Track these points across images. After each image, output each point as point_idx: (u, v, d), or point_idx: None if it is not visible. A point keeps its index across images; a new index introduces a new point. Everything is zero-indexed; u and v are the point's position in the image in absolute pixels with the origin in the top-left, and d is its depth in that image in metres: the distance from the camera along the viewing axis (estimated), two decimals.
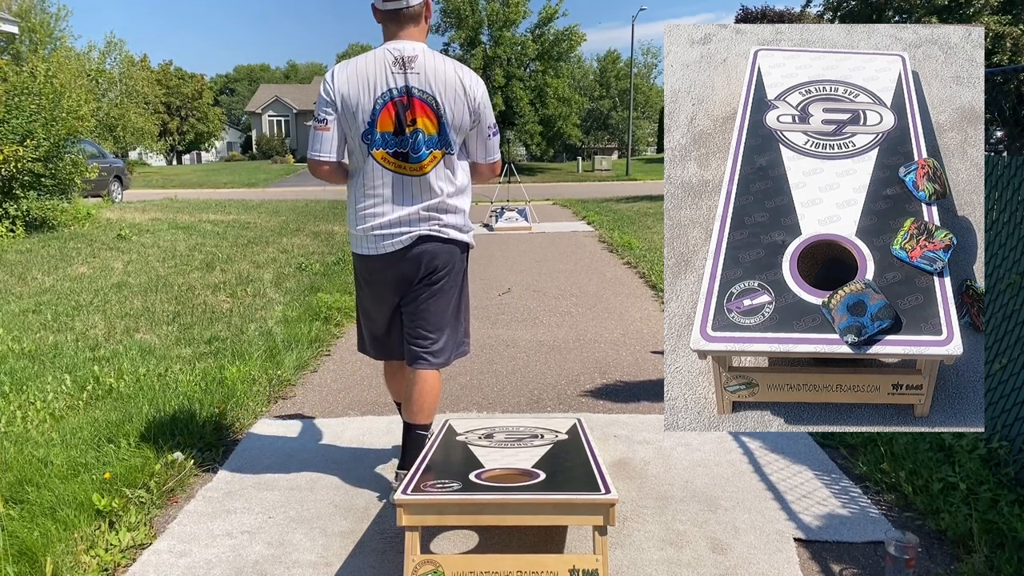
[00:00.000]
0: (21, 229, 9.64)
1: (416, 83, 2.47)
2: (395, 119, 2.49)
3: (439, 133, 2.52)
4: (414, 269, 2.63)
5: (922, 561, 2.38)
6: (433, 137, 2.52)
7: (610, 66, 56.18)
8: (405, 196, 2.56)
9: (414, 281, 2.66)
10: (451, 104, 2.51)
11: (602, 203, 17.12)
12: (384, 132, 2.50)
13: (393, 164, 2.53)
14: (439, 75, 2.49)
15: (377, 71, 2.47)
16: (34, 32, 27.56)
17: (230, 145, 59.60)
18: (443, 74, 2.50)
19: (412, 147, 2.50)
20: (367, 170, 2.56)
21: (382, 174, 2.54)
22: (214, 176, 33.25)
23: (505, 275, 7.85)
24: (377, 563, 2.40)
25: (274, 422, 3.71)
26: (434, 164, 2.54)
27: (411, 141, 2.50)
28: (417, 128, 2.49)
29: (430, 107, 2.49)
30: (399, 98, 2.48)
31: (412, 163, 2.52)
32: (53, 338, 4.97)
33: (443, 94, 2.49)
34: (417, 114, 2.48)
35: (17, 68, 11.17)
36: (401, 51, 2.49)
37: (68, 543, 2.41)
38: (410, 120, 2.49)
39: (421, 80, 2.47)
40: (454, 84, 2.50)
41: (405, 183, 2.55)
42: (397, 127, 2.49)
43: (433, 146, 2.53)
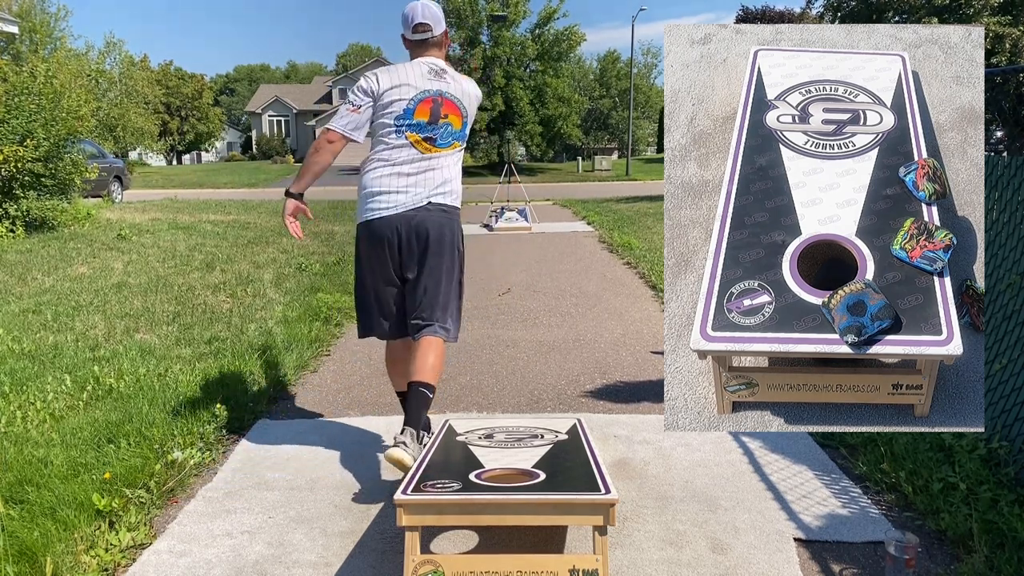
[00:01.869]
0: (21, 229, 9.64)
1: (448, 89, 3.02)
2: (431, 112, 2.98)
3: (461, 129, 3.07)
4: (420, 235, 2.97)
5: (922, 561, 2.38)
6: (458, 131, 3.06)
7: (610, 66, 56.18)
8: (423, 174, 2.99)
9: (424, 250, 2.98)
10: (471, 109, 3.11)
11: (602, 203, 17.12)
12: (420, 120, 2.97)
13: (423, 147, 3.00)
14: (464, 87, 3.07)
15: (416, 75, 3.00)
16: (34, 32, 27.55)
17: (230, 145, 59.61)
18: (466, 86, 3.09)
19: (440, 135, 3.01)
20: (398, 149, 2.98)
21: (411, 154, 2.98)
22: (214, 176, 33.26)
23: (505, 275, 7.85)
24: (377, 563, 2.40)
25: (274, 422, 3.71)
26: (452, 152, 3.06)
27: (441, 131, 3.01)
28: (448, 122, 3.02)
29: (459, 108, 3.04)
30: (436, 97, 2.99)
31: (438, 147, 3.02)
32: (53, 338, 4.97)
33: (467, 101, 3.07)
34: (448, 111, 3.01)
35: (17, 68, 11.17)
36: (434, 64, 3.04)
37: (68, 543, 2.41)
38: (443, 115, 3.00)
39: (452, 88, 3.03)
40: (473, 95, 3.12)
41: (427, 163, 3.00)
42: (432, 118, 2.99)
43: (455, 138, 3.06)
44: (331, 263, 8.13)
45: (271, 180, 31.43)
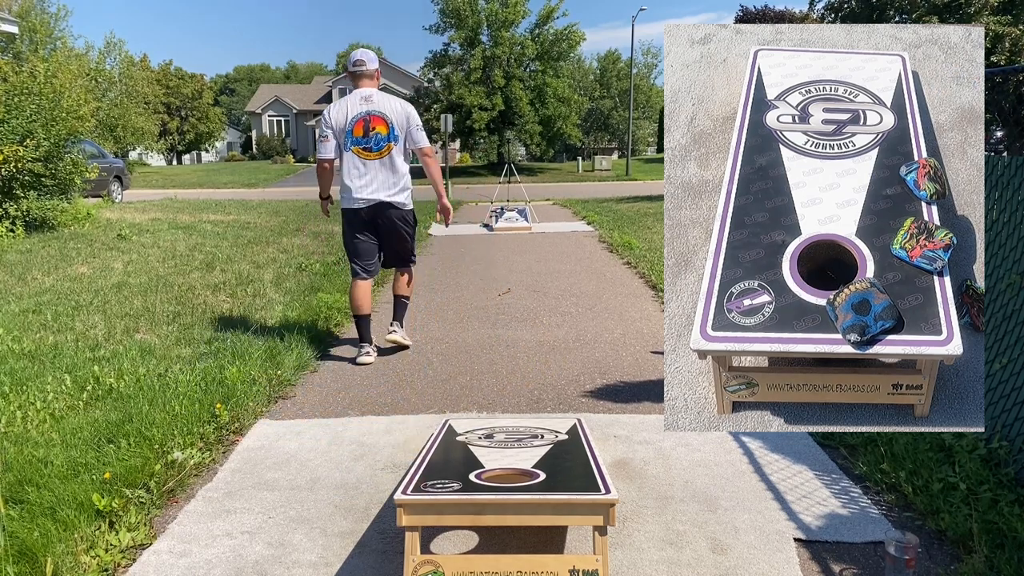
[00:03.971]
0: (21, 229, 9.64)
1: (374, 108, 4.52)
2: (364, 126, 4.51)
3: (389, 133, 4.53)
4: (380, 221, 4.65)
5: (922, 561, 2.38)
6: (388, 135, 4.53)
7: (610, 66, 56.16)
8: (372, 174, 4.56)
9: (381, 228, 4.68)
10: (396, 116, 4.54)
11: (602, 203, 17.12)
12: (355, 135, 4.52)
13: (364, 153, 4.54)
14: (389, 104, 4.56)
15: (351, 105, 4.55)
16: (34, 32, 27.53)
17: (230, 145, 59.58)
18: (389, 102, 4.57)
19: (376, 142, 4.53)
20: (348, 158, 4.56)
21: (356, 163, 4.54)
22: (214, 176, 33.25)
23: (505, 275, 7.85)
24: (377, 563, 2.40)
25: (274, 422, 3.71)
26: (389, 151, 4.55)
27: (376, 139, 4.52)
28: (378, 131, 4.51)
29: (384, 119, 4.51)
30: (364, 117, 4.50)
31: (375, 151, 4.54)
32: (53, 338, 4.97)
33: (391, 113, 4.53)
34: (375, 123, 4.51)
35: (17, 68, 11.17)
36: (364, 95, 4.56)
37: (68, 543, 2.41)
38: (375, 125, 4.51)
39: (377, 107, 4.53)
40: (399, 108, 4.57)
41: (371, 166, 4.55)
42: (365, 130, 4.51)
43: (388, 141, 4.53)
44: (331, 263, 8.13)
45: (271, 180, 31.43)
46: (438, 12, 35.12)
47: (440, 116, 25.87)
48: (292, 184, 29.71)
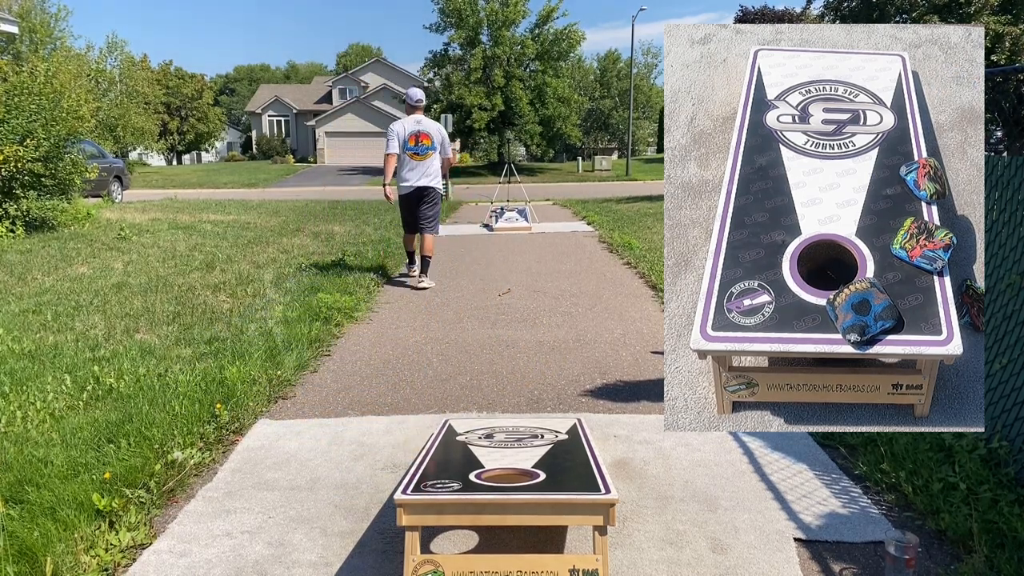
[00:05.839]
0: (21, 229, 9.64)
1: (423, 128, 7.05)
2: (416, 139, 7.01)
3: (431, 144, 7.06)
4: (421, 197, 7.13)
5: (922, 561, 2.38)
6: (431, 146, 7.06)
7: (610, 66, 56.17)
8: (418, 169, 7.07)
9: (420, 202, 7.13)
10: (436, 134, 7.10)
11: (602, 203, 17.12)
12: (410, 144, 7.02)
13: (414, 156, 7.05)
14: (432, 126, 7.12)
15: (407, 125, 7.07)
16: (34, 32, 27.55)
17: (230, 145, 59.59)
18: (432, 124, 7.14)
19: (422, 149, 7.04)
20: (404, 159, 7.05)
21: (409, 161, 7.05)
22: (214, 176, 33.26)
23: (505, 275, 7.85)
24: (377, 563, 2.40)
25: (274, 422, 3.71)
26: (431, 156, 7.08)
27: (423, 147, 7.03)
28: (424, 143, 7.03)
29: (429, 135, 7.04)
30: (416, 133, 7.02)
31: (421, 155, 7.05)
32: (53, 338, 4.97)
33: (433, 131, 7.09)
34: (423, 138, 7.02)
35: (17, 68, 11.17)
36: (417, 119, 7.10)
37: (68, 543, 2.41)
38: (423, 139, 7.03)
39: (425, 127, 7.06)
40: (437, 128, 7.15)
41: (418, 164, 7.07)
42: (416, 141, 7.02)
43: (430, 149, 7.07)
44: (331, 263, 8.13)
45: (271, 180, 31.44)
46: (438, 11, 35.15)
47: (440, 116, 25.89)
48: (292, 184, 29.71)
